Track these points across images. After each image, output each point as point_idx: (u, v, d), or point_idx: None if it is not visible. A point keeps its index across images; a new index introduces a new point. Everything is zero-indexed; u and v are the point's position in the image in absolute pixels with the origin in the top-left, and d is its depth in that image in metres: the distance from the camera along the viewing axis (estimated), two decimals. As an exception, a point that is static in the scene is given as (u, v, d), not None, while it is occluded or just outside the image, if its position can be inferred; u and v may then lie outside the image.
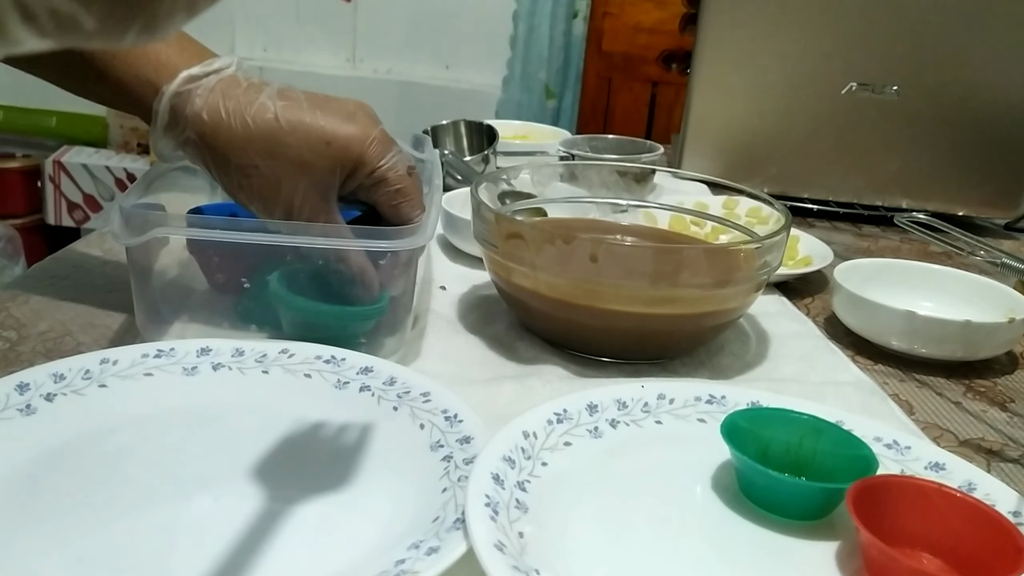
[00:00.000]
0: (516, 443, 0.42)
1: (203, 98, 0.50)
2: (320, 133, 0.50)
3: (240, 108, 0.50)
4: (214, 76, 0.50)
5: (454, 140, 1.08)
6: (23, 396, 0.45)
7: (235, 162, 0.50)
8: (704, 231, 0.72)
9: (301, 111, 0.50)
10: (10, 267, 2.07)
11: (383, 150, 0.52)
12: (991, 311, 0.64)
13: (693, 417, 0.48)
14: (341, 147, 0.50)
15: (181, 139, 0.51)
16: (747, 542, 0.40)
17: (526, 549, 0.36)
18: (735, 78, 1.01)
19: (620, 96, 2.45)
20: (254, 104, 0.50)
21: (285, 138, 0.50)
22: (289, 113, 0.50)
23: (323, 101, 0.52)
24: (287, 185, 0.50)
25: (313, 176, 0.51)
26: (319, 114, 0.51)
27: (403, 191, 0.53)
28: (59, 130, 2.52)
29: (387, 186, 0.52)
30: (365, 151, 0.51)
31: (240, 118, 0.49)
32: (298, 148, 0.50)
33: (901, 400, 0.57)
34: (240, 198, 0.52)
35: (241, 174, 0.50)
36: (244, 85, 0.51)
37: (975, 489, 0.42)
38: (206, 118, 0.49)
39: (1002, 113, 0.98)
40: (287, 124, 0.50)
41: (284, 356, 0.51)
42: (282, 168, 0.50)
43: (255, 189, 0.51)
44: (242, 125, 0.49)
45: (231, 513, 0.39)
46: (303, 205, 0.51)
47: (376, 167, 0.52)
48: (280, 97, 0.51)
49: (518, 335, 0.61)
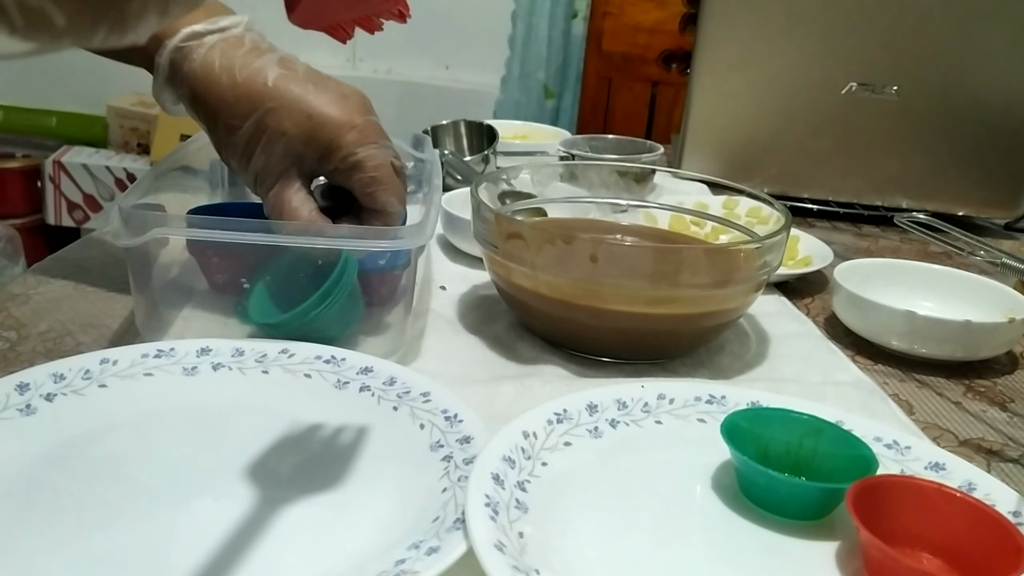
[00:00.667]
0: (516, 443, 0.42)
1: (200, 55, 0.51)
2: (304, 105, 0.51)
3: (233, 68, 0.51)
4: (217, 34, 0.51)
5: (454, 140, 1.08)
6: (23, 396, 0.45)
7: (223, 120, 0.51)
8: (704, 231, 0.72)
9: (292, 82, 0.51)
10: (10, 267, 2.07)
11: (362, 138, 0.52)
12: (991, 311, 0.64)
13: (693, 417, 0.48)
14: (319, 124, 0.51)
15: (179, 93, 0.52)
16: (747, 542, 0.40)
17: (526, 549, 0.36)
18: (735, 78, 1.01)
19: (620, 96, 2.45)
20: (249, 66, 0.51)
21: (269, 103, 0.51)
22: (281, 81, 0.51)
23: (320, 79, 0.53)
24: (263, 148, 0.51)
25: (289, 146, 0.51)
26: (311, 88, 0.52)
27: (378, 179, 0.52)
28: (59, 130, 2.51)
29: (361, 172, 0.52)
30: (343, 135, 0.51)
31: (230, 78, 0.51)
32: (279, 115, 0.51)
33: (901, 400, 0.57)
34: (223, 155, 0.54)
35: (227, 131, 0.52)
36: (247, 47, 0.52)
37: (975, 489, 0.42)
38: (200, 73, 0.51)
39: (1002, 113, 0.98)
40: (275, 90, 0.51)
41: (284, 356, 0.51)
42: (261, 131, 0.51)
43: (236, 147, 0.52)
44: (231, 85, 0.51)
45: (231, 513, 0.39)
46: (274, 170, 0.52)
47: (351, 152, 0.52)
48: (279, 65, 0.52)
49: (518, 335, 0.61)
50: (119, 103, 2.41)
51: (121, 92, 2.39)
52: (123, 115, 2.42)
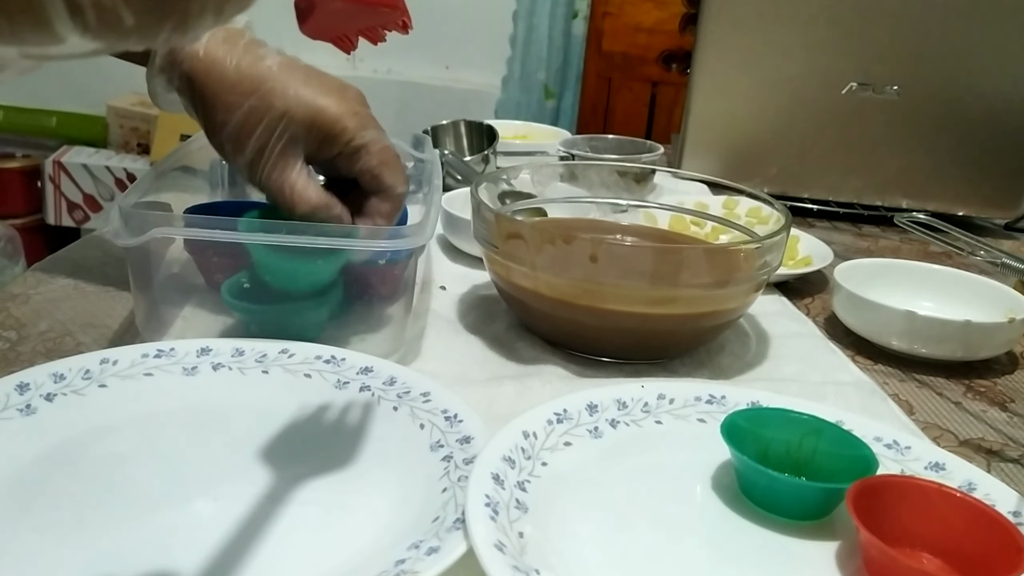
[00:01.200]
0: (516, 443, 0.42)
1: (204, 39, 0.51)
2: (306, 92, 0.51)
3: (237, 52, 0.51)
4: None
5: (454, 140, 1.08)
6: (23, 396, 0.45)
7: (222, 99, 0.51)
8: (704, 231, 0.72)
9: (296, 70, 0.52)
10: (10, 267, 2.06)
11: (363, 123, 0.52)
12: (991, 311, 0.64)
13: (693, 417, 0.48)
14: (321, 110, 0.51)
15: (175, 75, 0.52)
16: (747, 542, 0.40)
17: (526, 549, 0.36)
18: (735, 78, 1.01)
19: (620, 96, 2.45)
20: (252, 53, 0.51)
21: (272, 83, 0.51)
22: (283, 68, 0.52)
23: (319, 74, 0.53)
24: (263, 127, 0.51)
25: (290, 126, 0.51)
26: (313, 78, 0.52)
27: (385, 160, 0.53)
28: (59, 130, 2.51)
29: (367, 153, 0.52)
30: (345, 119, 0.52)
31: (235, 59, 0.51)
32: (283, 94, 0.51)
33: (901, 400, 0.57)
34: (217, 139, 0.52)
35: (225, 111, 0.51)
36: (247, 38, 0.52)
37: (975, 489, 0.42)
38: (202, 55, 0.51)
39: (1002, 113, 0.98)
40: (280, 73, 0.51)
41: (284, 356, 0.51)
42: (264, 108, 0.51)
43: (233, 128, 0.51)
44: (235, 66, 0.51)
45: (231, 513, 0.39)
46: (274, 150, 0.51)
47: (355, 135, 0.52)
48: (279, 55, 0.52)
49: (518, 335, 0.61)
50: (119, 103, 2.41)
51: (121, 92, 2.39)
52: (123, 115, 2.42)
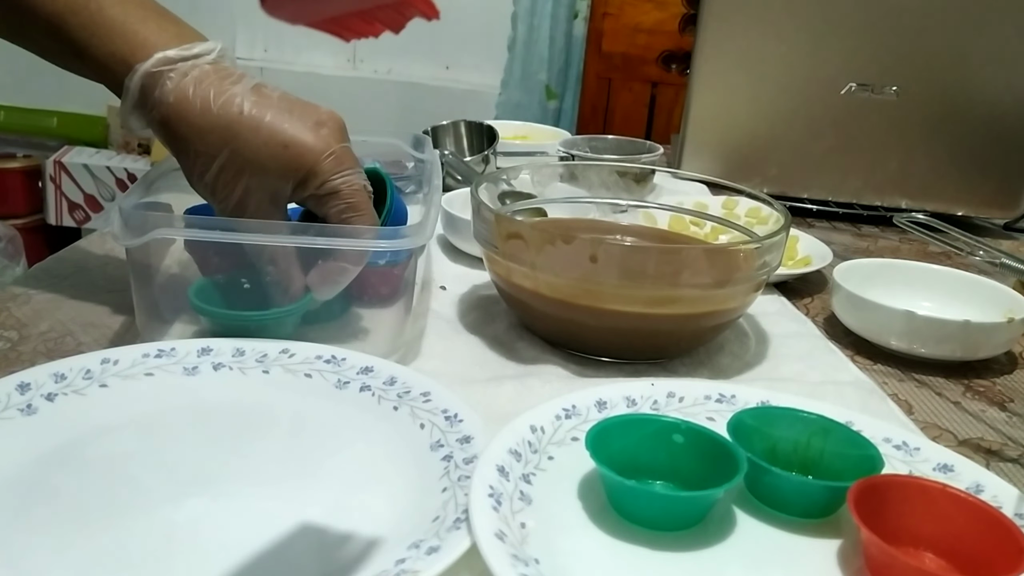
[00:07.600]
0: (523, 437, 0.43)
1: (174, 82, 0.49)
2: (280, 135, 0.50)
3: (207, 97, 0.49)
4: (191, 62, 0.50)
5: (454, 140, 1.08)
6: (24, 396, 0.45)
7: (194, 149, 0.50)
8: (704, 231, 0.72)
9: (268, 109, 0.50)
10: (11, 267, 2.07)
11: (338, 165, 0.51)
12: (990, 311, 0.64)
13: (702, 415, 0.48)
14: (296, 154, 0.50)
15: (148, 118, 0.51)
16: (749, 540, 0.40)
17: (527, 540, 0.36)
18: (735, 78, 1.01)
19: (620, 96, 2.45)
20: (223, 95, 0.49)
21: (244, 133, 0.49)
22: (255, 109, 0.50)
23: (295, 104, 0.51)
24: (239, 181, 0.50)
25: (265, 178, 0.50)
26: (285, 116, 0.50)
27: (355, 206, 0.51)
28: (60, 130, 2.52)
29: (338, 199, 0.51)
30: (320, 162, 0.50)
31: (205, 106, 0.49)
32: (255, 145, 0.49)
33: (900, 400, 0.57)
34: (198, 188, 0.52)
35: (200, 162, 0.50)
36: (220, 75, 0.50)
37: (983, 491, 0.42)
38: (172, 101, 0.49)
39: (1001, 113, 0.98)
40: (250, 120, 0.49)
41: (284, 356, 0.51)
42: (237, 163, 0.50)
43: (210, 180, 0.50)
44: (204, 113, 0.49)
45: (231, 513, 0.39)
46: (252, 203, 0.51)
47: (328, 179, 0.50)
48: (253, 93, 0.50)
49: (518, 335, 0.61)
50: (119, 103, 2.41)
51: (121, 92, 2.40)
52: (123, 116, 2.42)
